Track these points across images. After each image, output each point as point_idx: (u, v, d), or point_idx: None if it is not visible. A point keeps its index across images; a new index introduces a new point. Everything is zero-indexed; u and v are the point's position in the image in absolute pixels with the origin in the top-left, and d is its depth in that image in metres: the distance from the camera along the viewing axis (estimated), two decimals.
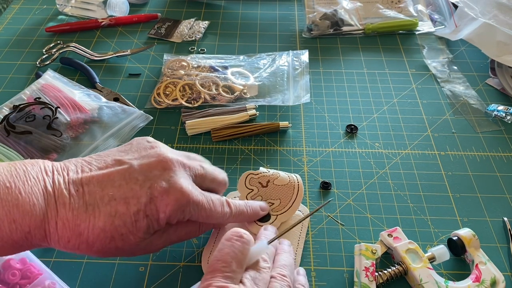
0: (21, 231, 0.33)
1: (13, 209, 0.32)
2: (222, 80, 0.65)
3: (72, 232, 0.34)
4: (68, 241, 0.34)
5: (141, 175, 0.36)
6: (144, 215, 0.35)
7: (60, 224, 0.34)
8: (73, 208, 0.34)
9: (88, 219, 0.34)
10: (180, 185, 0.37)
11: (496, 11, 0.70)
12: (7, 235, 0.32)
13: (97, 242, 0.35)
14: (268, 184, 0.49)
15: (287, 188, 0.48)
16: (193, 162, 0.40)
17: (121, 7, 0.80)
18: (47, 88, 0.60)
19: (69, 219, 0.34)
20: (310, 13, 0.78)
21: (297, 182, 0.49)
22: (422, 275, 0.42)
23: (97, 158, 0.38)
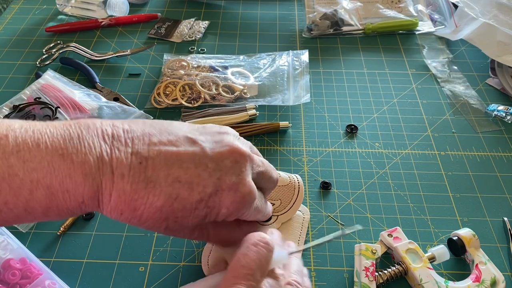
0: (75, 201, 0.31)
1: (66, 179, 0.30)
2: (222, 80, 0.65)
3: (127, 205, 0.32)
4: (121, 213, 0.32)
5: (212, 162, 0.34)
6: (206, 205, 0.33)
7: (115, 196, 0.32)
8: (132, 182, 0.31)
9: (146, 196, 0.32)
10: (250, 183, 0.35)
11: (496, 11, 0.70)
12: (62, 204, 0.31)
13: (150, 219, 0.33)
14: None
15: (288, 189, 0.48)
16: (257, 158, 0.37)
17: (121, 7, 0.80)
18: (47, 88, 0.60)
19: (126, 192, 0.31)
20: (310, 13, 0.78)
21: (298, 183, 0.48)
22: (422, 275, 0.42)
23: (168, 128, 0.35)
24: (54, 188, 0.30)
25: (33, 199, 0.30)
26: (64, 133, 0.31)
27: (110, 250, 0.47)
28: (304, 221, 0.49)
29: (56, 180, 0.30)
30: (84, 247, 0.47)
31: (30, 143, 0.30)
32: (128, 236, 0.48)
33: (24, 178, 0.30)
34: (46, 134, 0.31)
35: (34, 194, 0.30)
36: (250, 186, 0.34)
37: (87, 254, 0.47)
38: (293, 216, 0.49)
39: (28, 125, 0.31)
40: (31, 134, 0.30)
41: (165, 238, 0.48)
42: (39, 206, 0.31)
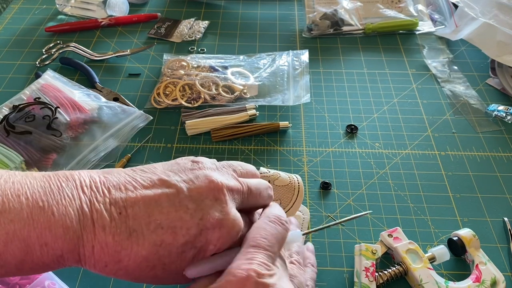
0: (53, 255, 0.30)
1: (45, 231, 0.29)
2: (222, 80, 0.65)
3: (111, 257, 0.31)
4: (105, 265, 0.31)
5: (192, 203, 0.33)
6: (192, 246, 0.33)
7: (97, 248, 0.31)
8: (114, 233, 0.30)
9: (130, 246, 0.31)
10: (233, 216, 0.34)
11: (497, 11, 0.70)
12: (38, 258, 0.30)
13: (137, 270, 0.32)
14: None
15: (288, 189, 0.48)
16: (238, 185, 0.36)
17: (121, 7, 0.80)
18: (46, 88, 0.60)
19: (109, 244, 0.31)
20: (310, 13, 0.78)
21: (298, 183, 0.48)
22: (422, 275, 0.42)
23: (142, 174, 0.34)
24: (31, 240, 0.29)
25: (7, 251, 0.29)
26: (44, 184, 0.31)
27: None
28: (304, 222, 0.49)
29: (34, 232, 0.29)
30: None
31: (9, 194, 0.29)
32: None
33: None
34: (26, 185, 0.30)
35: (8, 247, 0.29)
36: (234, 219, 0.34)
37: None
38: (293, 216, 0.48)
39: (8, 175, 0.31)
40: (11, 185, 0.30)
41: None
42: (13, 259, 0.29)
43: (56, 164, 0.53)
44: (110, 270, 0.32)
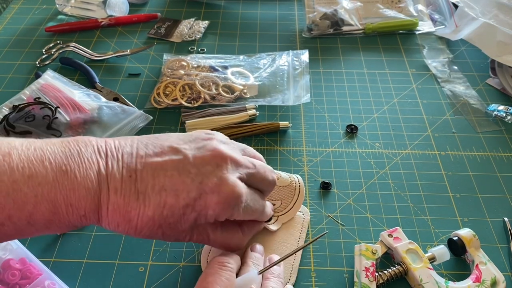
0: (77, 214, 0.33)
1: (70, 193, 0.32)
2: (222, 80, 0.65)
3: (123, 218, 0.34)
4: (117, 225, 0.34)
5: (194, 168, 0.35)
6: (193, 209, 0.35)
7: (111, 209, 0.34)
8: (124, 195, 0.33)
9: (138, 207, 0.34)
10: (233, 183, 0.35)
11: (497, 11, 0.70)
12: (64, 218, 0.33)
13: (145, 228, 0.34)
14: None
15: (288, 189, 0.48)
16: (245, 160, 0.38)
17: (121, 7, 0.80)
18: (46, 88, 0.60)
19: (120, 205, 0.33)
20: (310, 13, 0.78)
21: (298, 183, 0.48)
22: (422, 275, 0.42)
23: (154, 142, 0.37)
24: (58, 202, 0.32)
25: (37, 212, 0.32)
26: (65, 150, 0.33)
27: (110, 250, 0.47)
28: (304, 222, 0.49)
29: (60, 194, 0.32)
30: (84, 247, 0.47)
31: (34, 160, 0.31)
32: (128, 236, 0.48)
33: (28, 193, 0.31)
34: (48, 151, 0.33)
35: (38, 208, 0.31)
36: (233, 185, 0.35)
37: (87, 254, 0.47)
38: (294, 216, 0.49)
39: (28, 143, 0.33)
40: (33, 151, 0.32)
41: None
42: (42, 219, 0.32)
43: None
44: (122, 229, 0.35)
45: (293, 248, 0.46)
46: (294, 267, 0.45)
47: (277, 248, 0.46)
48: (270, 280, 0.40)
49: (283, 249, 0.46)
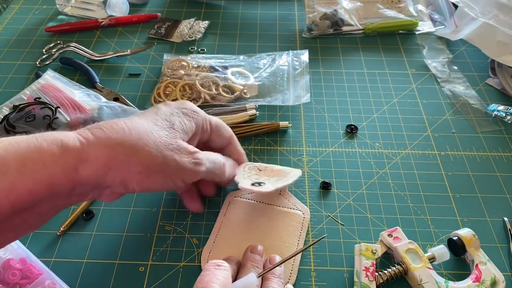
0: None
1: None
2: (222, 80, 0.65)
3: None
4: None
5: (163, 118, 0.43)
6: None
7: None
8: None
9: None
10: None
11: (496, 11, 0.70)
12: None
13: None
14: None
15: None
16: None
17: (121, 7, 0.80)
18: (47, 88, 0.60)
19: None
20: (310, 13, 0.78)
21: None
22: (422, 275, 0.42)
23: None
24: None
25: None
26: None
27: (110, 250, 0.47)
28: (304, 221, 0.49)
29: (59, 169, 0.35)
30: (84, 247, 0.47)
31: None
32: (128, 236, 0.48)
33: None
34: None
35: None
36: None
37: (87, 254, 0.47)
38: (293, 216, 0.49)
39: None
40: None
41: (165, 238, 0.48)
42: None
43: None
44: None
45: (293, 248, 0.46)
46: (294, 267, 0.45)
47: (277, 248, 0.46)
48: (271, 281, 0.40)
49: (283, 249, 0.46)
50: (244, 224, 0.48)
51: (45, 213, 0.37)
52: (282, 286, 0.41)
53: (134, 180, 0.38)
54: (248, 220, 0.48)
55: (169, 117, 0.41)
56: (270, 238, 0.47)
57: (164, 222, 0.50)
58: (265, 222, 0.48)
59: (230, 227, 0.48)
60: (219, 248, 0.46)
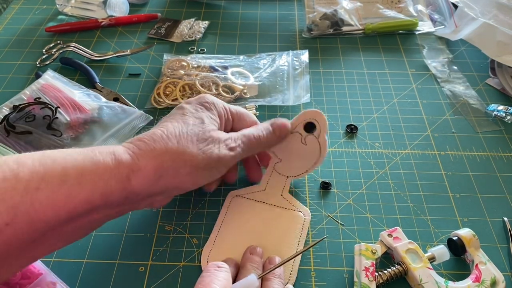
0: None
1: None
2: (222, 80, 0.65)
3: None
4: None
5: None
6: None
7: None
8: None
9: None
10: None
11: (496, 11, 0.70)
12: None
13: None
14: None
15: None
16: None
17: (121, 7, 0.80)
18: (47, 88, 0.60)
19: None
20: (310, 13, 0.78)
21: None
22: (422, 275, 0.42)
23: None
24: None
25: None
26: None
27: (110, 250, 0.47)
28: (305, 222, 0.49)
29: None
30: (84, 247, 0.47)
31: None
32: (128, 236, 0.48)
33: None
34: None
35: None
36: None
37: (87, 254, 0.47)
38: (294, 217, 0.49)
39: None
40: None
41: (165, 238, 0.48)
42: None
43: None
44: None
45: (293, 248, 0.46)
46: (294, 267, 0.45)
47: (277, 249, 0.46)
48: (271, 281, 0.40)
49: (283, 249, 0.46)
50: (245, 224, 0.48)
51: (96, 221, 0.38)
52: (282, 286, 0.41)
53: (185, 181, 0.40)
54: (249, 220, 0.48)
55: (196, 114, 0.44)
56: (270, 239, 0.47)
57: (164, 222, 0.50)
58: (266, 222, 0.48)
59: (231, 227, 0.48)
60: (219, 248, 0.46)
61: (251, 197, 0.51)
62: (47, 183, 0.33)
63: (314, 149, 0.50)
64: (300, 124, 0.50)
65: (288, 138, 0.50)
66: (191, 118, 0.43)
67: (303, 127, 0.50)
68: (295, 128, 0.50)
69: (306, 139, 0.50)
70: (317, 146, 0.50)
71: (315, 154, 0.50)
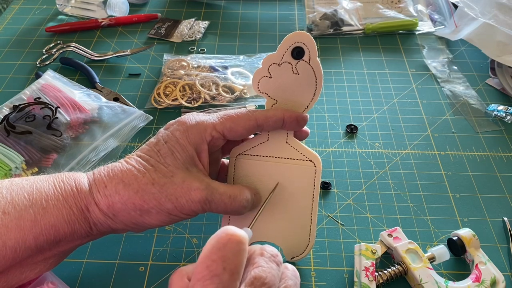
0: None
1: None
2: (222, 80, 0.65)
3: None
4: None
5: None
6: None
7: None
8: None
9: None
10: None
11: (496, 11, 0.70)
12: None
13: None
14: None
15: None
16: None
17: (121, 7, 0.80)
18: (47, 88, 0.60)
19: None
20: (310, 13, 0.78)
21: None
22: (422, 275, 0.42)
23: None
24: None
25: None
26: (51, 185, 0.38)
27: (110, 250, 0.47)
28: (316, 173, 0.44)
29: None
30: (84, 247, 0.47)
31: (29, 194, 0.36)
32: (128, 236, 0.48)
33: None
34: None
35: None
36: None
37: (87, 254, 0.47)
38: (304, 169, 0.45)
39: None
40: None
41: (165, 238, 0.48)
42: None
43: (56, 164, 0.53)
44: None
45: (308, 208, 0.44)
46: (312, 230, 0.43)
47: (291, 211, 0.44)
48: (260, 258, 0.32)
49: (298, 211, 0.44)
50: (258, 184, 0.45)
51: (67, 252, 0.38)
52: (274, 265, 0.32)
53: (139, 221, 0.38)
54: (258, 183, 0.45)
55: (162, 161, 0.39)
56: (283, 201, 0.44)
57: None
58: (275, 183, 0.44)
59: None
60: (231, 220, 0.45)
61: (255, 153, 0.45)
62: (14, 207, 0.34)
63: (309, 76, 0.43)
64: (286, 52, 0.43)
65: (278, 72, 0.43)
66: (154, 159, 0.38)
67: (290, 55, 0.43)
68: (282, 59, 0.43)
69: (297, 67, 0.43)
70: (311, 71, 0.43)
71: (311, 82, 0.43)
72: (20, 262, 0.35)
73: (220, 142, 0.42)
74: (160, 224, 0.38)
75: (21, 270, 0.36)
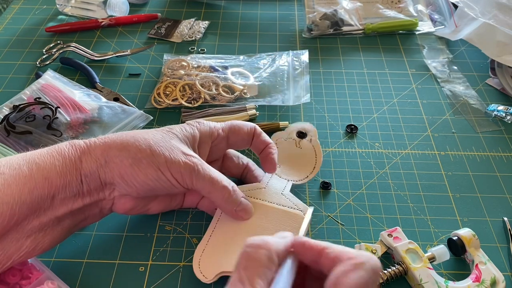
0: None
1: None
2: (222, 80, 0.65)
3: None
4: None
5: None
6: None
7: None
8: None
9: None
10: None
11: (496, 11, 0.70)
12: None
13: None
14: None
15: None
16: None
17: (121, 7, 0.80)
18: (47, 88, 0.60)
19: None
20: (310, 13, 0.78)
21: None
22: (422, 275, 0.42)
23: None
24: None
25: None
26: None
27: (110, 250, 0.47)
28: (304, 221, 0.46)
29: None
30: (84, 247, 0.47)
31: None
32: (128, 236, 0.48)
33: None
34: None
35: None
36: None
37: (87, 254, 0.47)
38: (293, 216, 0.47)
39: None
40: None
41: (165, 238, 0.48)
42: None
43: None
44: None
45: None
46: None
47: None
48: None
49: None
50: (241, 224, 0.46)
51: (61, 218, 0.40)
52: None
53: (128, 173, 0.40)
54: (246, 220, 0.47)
55: (169, 127, 0.45)
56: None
57: (164, 222, 0.50)
58: (263, 222, 0.46)
59: (226, 227, 0.46)
60: (213, 249, 0.45)
61: (251, 195, 0.49)
62: (9, 167, 0.37)
63: (310, 151, 0.54)
64: (292, 132, 0.55)
65: (284, 144, 0.54)
66: (161, 129, 0.45)
67: (295, 134, 0.55)
68: (288, 135, 0.55)
69: (301, 144, 0.54)
70: (312, 149, 0.54)
71: (311, 158, 0.53)
72: (16, 224, 0.36)
73: (223, 144, 0.48)
74: (147, 181, 0.41)
75: (17, 236, 0.38)
